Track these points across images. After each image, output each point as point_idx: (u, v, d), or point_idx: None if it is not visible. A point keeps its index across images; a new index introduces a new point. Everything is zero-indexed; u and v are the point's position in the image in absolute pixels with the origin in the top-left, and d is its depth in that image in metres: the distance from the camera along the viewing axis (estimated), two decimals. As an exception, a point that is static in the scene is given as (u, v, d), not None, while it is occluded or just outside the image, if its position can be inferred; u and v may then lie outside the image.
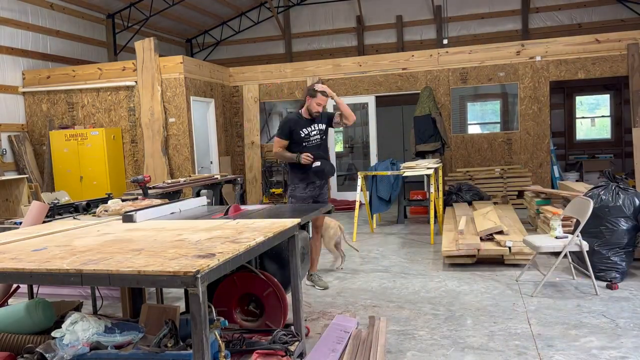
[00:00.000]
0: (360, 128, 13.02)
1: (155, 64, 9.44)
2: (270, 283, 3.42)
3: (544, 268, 5.18)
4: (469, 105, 12.05)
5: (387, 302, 4.61)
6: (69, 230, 3.06)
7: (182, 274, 1.92)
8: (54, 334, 2.74)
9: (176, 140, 9.63)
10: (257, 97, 11.52)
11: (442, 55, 10.65)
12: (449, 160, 10.62)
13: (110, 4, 11.67)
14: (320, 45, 14.28)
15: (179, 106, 9.58)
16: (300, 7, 14.33)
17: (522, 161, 10.33)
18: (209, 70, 10.72)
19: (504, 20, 13.10)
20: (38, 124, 10.08)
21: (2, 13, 9.38)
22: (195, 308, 1.94)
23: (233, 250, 2.24)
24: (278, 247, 3.30)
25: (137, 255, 2.24)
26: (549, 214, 6.25)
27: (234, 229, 2.80)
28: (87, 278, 2.06)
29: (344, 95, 11.19)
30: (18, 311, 3.12)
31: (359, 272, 5.64)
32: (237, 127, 11.69)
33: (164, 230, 2.89)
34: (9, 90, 9.73)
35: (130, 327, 2.90)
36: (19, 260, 2.24)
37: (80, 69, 10.13)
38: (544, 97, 10.23)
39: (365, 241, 7.24)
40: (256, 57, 14.48)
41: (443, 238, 6.14)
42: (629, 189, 4.99)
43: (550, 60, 10.12)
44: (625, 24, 11.89)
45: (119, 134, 9.89)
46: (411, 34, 13.65)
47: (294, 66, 11.55)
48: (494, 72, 10.40)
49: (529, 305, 4.33)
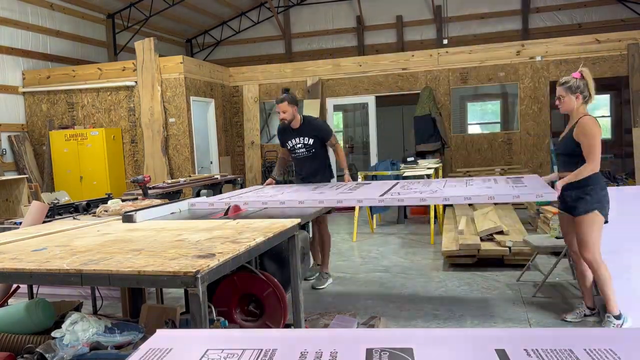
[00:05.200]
0: (360, 128, 13.03)
1: (155, 64, 9.44)
2: (270, 283, 3.42)
3: (544, 268, 5.18)
4: (469, 105, 12.06)
5: (387, 302, 4.61)
6: (69, 230, 3.06)
7: (182, 274, 1.92)
8: (54, 334, 2.73)
9: (176, 141, 9.62)
10: (257, 97, 11.52)
11: (442, 55, 10.65)
12: (449, 160, 10.62)
13: (110, 4, 11.67)
14: (320, 45, 14.28)
15: (179, 106, 9.58)
16: (300, 7, 14.33)
17: (522, 161, 10.32)
18: (209, 70, 10.72)
19: (504, 20, 13.10)
20: (38, 124, 10.08)
21: (2, 13, 9.38)
22: (195, 308, 1.94)
23: (233, 250, 2.23)
24: (278, 247, 3.30)
25: (137, 255, 2.23)
26: (549, 214, 6.25)
27: (234, 229, 2.80)
28: (87, 278, 2.06)
29: (344, 95, 11.21)
30: (18, 311, 3.12)
31: (359, 272, 5.64)
32: (237, 127, 11.68)
33: (164, 230, 2.89)
34: (9, 90, 9.73)
35: (130, 327, 2.90)
36: (19, 260, 2.24)
37: (80, 69, 10.13)
38: (544, 97, 10.23)
39: (365, 241, 7.24)
40: (256, 57, 14.47)
41: (443, 238, 6.14)
42: (629, 189, 4.98)
43: (550, 60, 10.13)
44: (626, 24, 11.88)
45: (119, 134, 9.89)
46: (411, 34, 13.65)
47: (294, 66, 11.54)
48: (494, 72, 10.40)
49: (529, 305, 4.33)
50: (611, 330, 1.68)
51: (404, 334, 1.20)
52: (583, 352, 1.03)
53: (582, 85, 3.63)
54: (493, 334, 1.16)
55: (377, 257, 6.32)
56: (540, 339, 1.11)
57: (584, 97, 3.64)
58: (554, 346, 1.06)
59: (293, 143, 5.06)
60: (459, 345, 1.12)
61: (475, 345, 1.10)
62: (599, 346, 1.05)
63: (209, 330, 1.47)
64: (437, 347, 1.11)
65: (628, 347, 1.05)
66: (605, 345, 1.06)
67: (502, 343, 1.09)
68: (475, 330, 1.19)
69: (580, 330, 1.23)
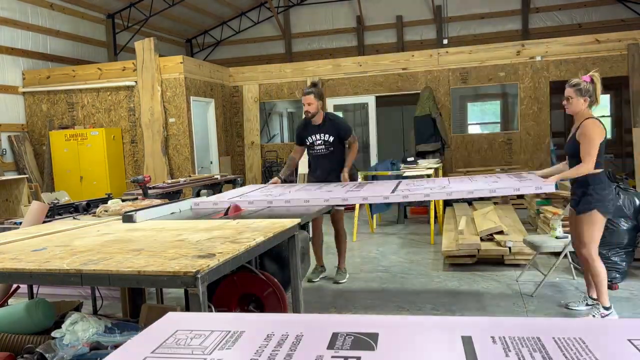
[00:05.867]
0: (360, 128, 13.01)
1: (155, 64, 9.44)
2: (270, 283, 3.42)
3: (544, 268, 5.17)
4: (469, 105, 12.06)
5: (387, 302, 4.61)
6: (69, 230, 3.06)
7: (182, 274, 1.92)
8: (54, 334, 2.73)
9: (176, 140, 9.62)
10: (257, 97, 11.52)
11: (442, 55, 10.65)
12: (449, 161, 10.62)
13: (110, 4, 11.67)
14: (320, 45, 14.28)
15: (179, 106, 9.58)
16: (300, 7, 14.33)
17: (522, 161, 10.32)
18: (209, 70, 10.71)
19: (504, 20, 13.10)
20: (38, 124, 10.08)
21: (2, 13, 9.38)
22: (195, 308, 1.94)
23: (233, 250, 2.23)
24: (278, 247, 3.30)
25: (137, 255, 2.23)
26: (549, 214, 6.25)
27: (234, 229, 2.80)
28: (87, 278, 2.06)
29: (344, 95, 11.21)
30: (18, 311, 3.12)
31: (359, 272, 5.64)
32: (237, 127, 11.68)
33: (164, 230, 2.89)
34: (9, 90, 9.73)
35: (130, 327, 2.90)
36: (19, 260, 2.24)
37: (80, 69, 10.13)
38: (544, 97, 10.23)
39: (365, 241, 7.23)
40: (256, 57, 14.48)
41: (443, 238, 6.14)
42: (629, 189, 4.99)
43: (550, 60, 10.12)
44: (625, 24, 11.89)
45: (119, 134, 9.89)
46: (411, 34, 13.65)
47: (294, 66, 11.54)
48: (494, 72, 10.40)
49: (529, 306, 4.33)
50: (582, 320, 1.68)
51: (372, 319, 1.20)
52: (551, 340, 1.02)
53: (591, 89, 3.74)
54: (461, 320, 1.16)
55: (377, 257, 6.32)
56: (508, 327, 1.10)
57: (590, 101, 3.76)
58: (522, 334, 1.05)
59: (313, 139, 4.99)
60: (425, 331, 1.12)
61: (442, 331, 1.10)
62: (568, 335, 1.04)
63: (180, 314, 1.48)
64: (402, 332, 1.10)
65: (597, 337, 1.04)
66: (574, 334, 1.05)
67: (469, 330, 1.09)
68: (444, 318, 1.19)
69: (551, 319, 1.22)
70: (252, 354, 1.01)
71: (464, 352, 0.98)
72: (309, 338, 1.08)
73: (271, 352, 1.01)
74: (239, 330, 1.13)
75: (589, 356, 0.94)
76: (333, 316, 1.26)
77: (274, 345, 1.05)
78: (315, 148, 5.01)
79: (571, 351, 0.96)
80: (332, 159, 5.04)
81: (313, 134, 5.00)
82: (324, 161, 5.04)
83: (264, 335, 1.10)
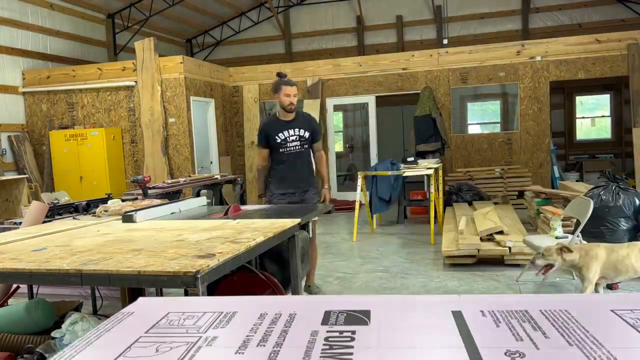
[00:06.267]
0: (360, 128, 13.03)
1: (155, 64, 9.44)
2: (270, 283, 3.42)
3: (544, 268, 5.18)
4: (469, 105, 12.05)
5: (387, 302, 4.60)
6: (69, 230, 3.06)
7: (182, 274, 1.92)
8: (53, 334, 2.73)
9: (176, 140, 9.62)
10: (257, 97, 11.52)
11: (442, 55, 10.65)
12: (449, 160, 10.62)
13: (110, 4, 11.67)
14: (320, 45, 14.27)
15: (179, 106, 9.58)
16: (300, 7, 14.33)
17: (522, 161, 10.33)
18: (209, 70, 10.71)
19: (504, 20, 13.10)
20: (38, 124, 10.08)
21: (2, 13, 9.38)
22: (195, 308, 1.94)
23: (233, 250, 2.23)
24: (278, 247, 3.30)
25: (137, 255, 2.23)
26: (549, 214, 6.25)
27: (234, 229, 2.80)
28: (87, 278, 2.06)
29: (344, 95, 11.21)
30: (18, 311, 3.12)
31: (359, 272, 5.64)
32: (237, 127, 11.68)
33: (164, 230, 2.89)
34: (9, 90, 9.73)
35: (130, 327, 2.89)
36: (18, 260, 2.23)
37: (80, 69, 10.13)
38: (544, 97, 10.23)
39: (365, 241, 7.24)
40: (256, 57, 14.47)
41: (443, 238, 6.14)
42: (629, 189, 4.99)
43: (550, 60, 10.12)
44: (626, 24, 11.88)
45: (119, 134, 9.89)
46: (411, 34, 13.65)
47: (294, 66, 11.54)
48: (494, 72, 10.40)
49: (529, 306, 4.33)
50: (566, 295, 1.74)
51: (363, 298, 1.23)
52: (538, 312, 1.06)
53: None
54: (452, 299, 1.19)
55: (377, 257, 6.32)
56: (495, 302, 1.15)
57: None
58: (510, 308, 1.10)
59: (285, 136, 4.42)
60: (416, 307, 1.15)
61: (432, 307, 1.14)
62: (554, 308, 1.09)
63: (172, 298, 1.50)
64: (394, 309, 1.13)
65: (582, 308, 1.09)
66: (560, 307, 1.09)
67: (458, 305, 1.13)
68: (435, 296, 1.22)
69: (539, 295, 1.28)
70: (248, 331, 1.03)
71: (456, 324, 1.02)
72: (302, 316, 1.10)
73: (266, 329, 1.03)
74: (231, 311, 1.15)
75: (575, 325, 0.99)
76: (324, 297, 1.28)
77: (268, 323, 1.07)
78: (288, 146, 4.43)
79: (559, 320, 1.02)
80: (304, 159, 4.52)
81: (284, 130, 4.43)
82: (296, 162, 4.48)
83: (257, 315, 1.12)
